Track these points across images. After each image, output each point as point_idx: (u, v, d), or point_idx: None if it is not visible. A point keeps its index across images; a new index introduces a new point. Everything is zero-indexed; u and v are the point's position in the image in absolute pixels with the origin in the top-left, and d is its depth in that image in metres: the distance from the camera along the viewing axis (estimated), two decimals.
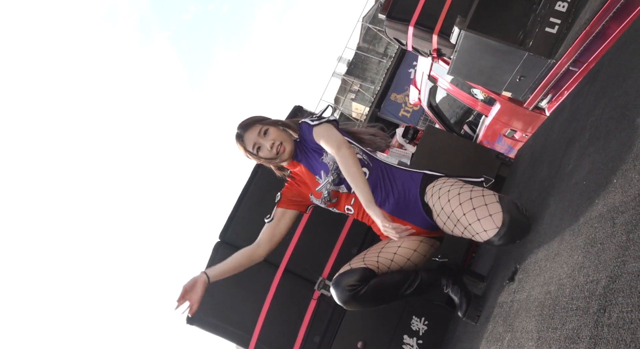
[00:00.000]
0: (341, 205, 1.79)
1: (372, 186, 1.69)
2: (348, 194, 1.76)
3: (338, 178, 1.74)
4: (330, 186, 1.74)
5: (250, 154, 1.79)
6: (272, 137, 1.76)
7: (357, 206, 1.77)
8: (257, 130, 1.76)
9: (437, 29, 3.23)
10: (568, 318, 0.93)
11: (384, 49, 13.15)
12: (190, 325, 2.63)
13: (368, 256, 1.69)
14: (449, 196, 1.57)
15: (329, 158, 1.75)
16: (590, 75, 1.71)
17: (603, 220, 0.98)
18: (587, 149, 1.33)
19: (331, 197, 1.76)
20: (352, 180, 1.63)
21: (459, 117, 4.97)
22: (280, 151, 1.76)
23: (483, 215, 1.46)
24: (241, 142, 1.79)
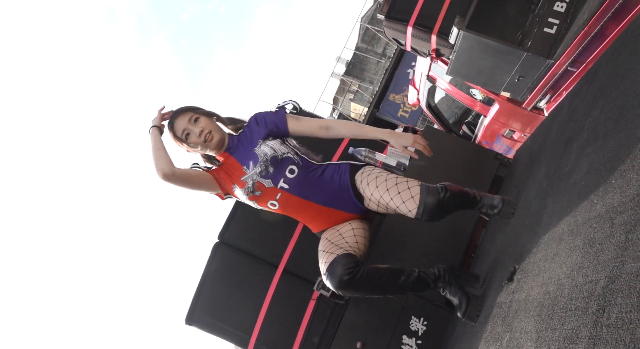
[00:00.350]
0: (265, 199, 1.77)
1: (300, 180, 1.74)
2: (273, 189, 1.74)
3: (266, 171, 1.74)
4: (257, 178, 1.74)
5: (179, 140, 1.80)
6: (202, 124, 1.78)
7: (282, 202, 1.75)
8: (187, 117, 1.79)
9: (436, 29, 3.23)
10: (567, 318, 0.93)
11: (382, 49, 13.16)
12: (189, 326, 2.62)
13: (338, 247, 1.69)
14: (377, 183, 1.73)
15: (261, 150, 1.76)
16: (589, 75, 1.71)
17: (602, 221, 0.98)
18: (585, 149, 1.33)
19: (254, 189, 1.75)
20: (355, 127, 1.82)
21: (457, 117, 4.97)
22: (208, 139, 1.77)
23: (407, 197, 1.68)
24: (171, 128, 1.81)
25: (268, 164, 1.74)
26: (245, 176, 1.76)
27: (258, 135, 1.80)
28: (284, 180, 1.74)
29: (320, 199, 1.75)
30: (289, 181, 1.74)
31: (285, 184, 1.74)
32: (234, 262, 2.63)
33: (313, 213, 1.77)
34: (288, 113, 1.87)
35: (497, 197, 1.84)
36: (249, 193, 1.76)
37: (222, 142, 1.82)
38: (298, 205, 1.76)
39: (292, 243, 2.59)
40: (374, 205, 1.75)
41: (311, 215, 1.78)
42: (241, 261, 2.61)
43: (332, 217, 1.78)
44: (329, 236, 1.76)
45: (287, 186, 1.74)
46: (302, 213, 1.79)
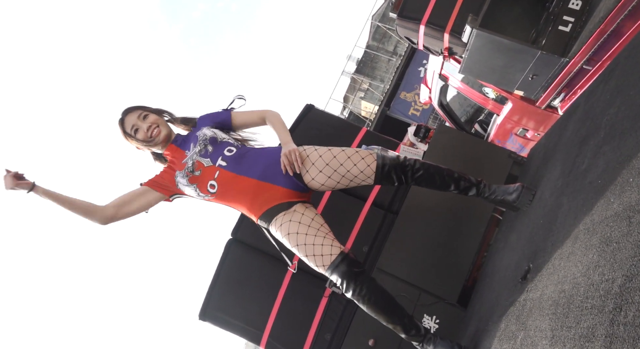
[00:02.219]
0: (204, 180, 1.78)
1: (237, 157, 1.79)
2: (212, 167, 1.78)
3: (205, 149, 1.81)
4: (196, 157, 1.80)
5: (128, 136, 1.86)
6: (150, 120, 1.86)
7: (220, 180, 1.76)
8: (137, 114, 1.87)
9: (449, 27, 3.22)
10: (583, 316, 0.93)
11: (393, 48, 13.11)
12: (202, 321, 2.65)
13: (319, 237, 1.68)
14: (319, 153, 1.77)
15: (202, 132, 1.84)
16: (605, 73, 1.70)
17: (619, 219, 0.98)
18: (602, 148, 1.32)
19: (194, 168, 1.79)
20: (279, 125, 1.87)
21: (469, 115, 4.95)
22: (155, 134, 1.84)
23: (357, 159, 1.74)
24: (121, 125, 1.87)
25: (207, 143, 1.81)
26: (186, 157, 1.82)
27: (203, 125, 1.91)
28: (222, 158, 1.79)
29: (255, 173, 1.76)
30: (227, 158, 1.79)
31: (223, 161, 1.78)
32: (247, 259, 2.65)
33: (250, 191, 1.75)
34: (233, 111, 1.96)
35: (512, 185, 1.87)
36: (189, 174, 1.79)
37: (168, 138, 1.90)
38: (236, 182, 1.76)
39: None
40: (319, 176, 1.75)
41: (249, 194, 1.75)
42: (254, 258, 2.63)
43: (269, 193, 1.75)
44: (290, 228, 1.69)
45: (224, 163, 1.78)
46: (240, 193, 1.76)
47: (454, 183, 1.80)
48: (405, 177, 1.77)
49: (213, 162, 1.79)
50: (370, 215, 2.59)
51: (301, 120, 2.86)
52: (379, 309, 1.65)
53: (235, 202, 1.81)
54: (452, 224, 2.44)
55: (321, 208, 2.60)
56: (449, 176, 1.80)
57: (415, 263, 2.37)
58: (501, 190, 1.85)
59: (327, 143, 1.95)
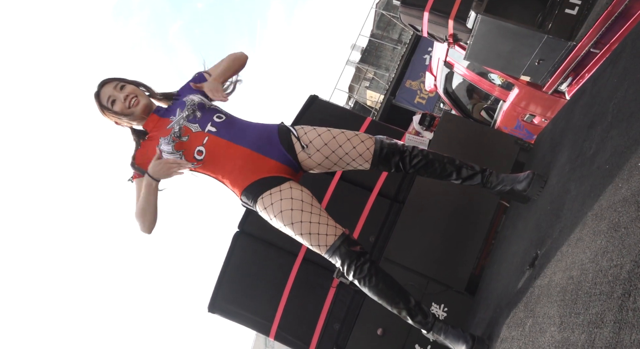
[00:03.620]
0: (192, 145, 1.69)
1: (227, 124, 1.73)
2: (201, 133, 1.69)
3: (193, 115, 1.71)
4: (183, 122, 1.70)
5: (105, 109, 1.74)
6: (128, 91, 1.75)
7: (209, 146, 1.68)
8: (113, 84, 1.75)
9: (453, 13, 3.18)
10: (591, 303, 0.92)
11: (398, 36, 12.99)
12: (211, 313, 2.68)
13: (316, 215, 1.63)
14: (318, 132, 1.74)
15: (189, 97, 1.74)
16: (613, 56, 1.67)
17: (627, 204, 0.97)
18: (609, 132, 1.31)
19: (181, 133, 1.69)
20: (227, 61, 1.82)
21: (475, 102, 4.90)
22: (133, 104, 1.73)
23: (357, 142, 1.72)
24: (97, 98, 1.75)
25: (195, 108, 1.72)
26: (172, 123, 1.71)
27: (187, 93, 1.80)
28: (212, 124, 1.71)
29: (247, 142, 1.70)
30: (217, 124, 1.72)
31: (213, 127, 1.71)
32: (254, 251, 2.66)
33: (240, 159, 1.68)
34: (204, 73, 1.85)
35: (522, 173, 1.81)
36: (176, 139, 1.68)
37: (147, 109, 1.78)
38: (225, 149, 1.68)
39: None
40: (316, 155, 1.71)
41: (238, 163, 1.68)
42: (261, 250, 2.64)
43: (260, 165, 1.68)
44: (282, 206, 1.63)
45: (214, 129, 1.70)
46: (229, 160, 1.68)
47: (455, 171, 1.75)
48: (404, 164, 1.73)
49: (202, 128, 1.70)
50: (376, 205, 2.58)
51: (305, 111, 2.85)
52: (382, 292, 1.62)
53: (221, 172, 1.71)
54: (458, 212, 2.43)
55: (327, 199, 2.59)
56: (450, 163, 1.74)
57: (422, 252, 2.36)
58: (510, 179, 1.78)
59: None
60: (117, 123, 1.81)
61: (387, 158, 1.72)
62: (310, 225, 1.61)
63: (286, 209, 1.62)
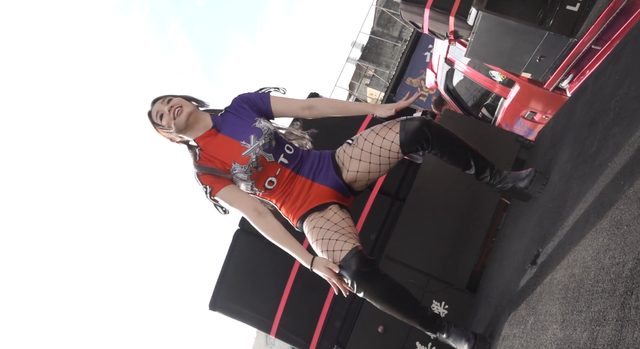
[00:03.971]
0: (265, 176, 1.72)
1: (295, 156, 1.75)
2: (274, 164, 1.71)
3: (269, 145, 1.70)
4: (259, 151, 1.68)
5: (156, 126, 1.74)
6: (173, 102, 1.72)
7: (280, 178, 1.72)
8: (161, 100, 1.75)
9: (454, 10, 3.16)
10: (593, 300, 0.92)
11: (398, 33, 12.95)
12: (213, 311, 2.68)
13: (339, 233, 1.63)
14: (352, 154, 1.75)
15: (262, 124, 1.72)
16: (614, 53, 1.66)
17: (629, 202, 0.96)
18: (611, 130, 1.30)
19: (258, 163, 1.68)
20: (338, 104, 1.87)
21: (476, 100, 4.89)
22: (177, 114, 1.69)
23: (385, 132, 1.72)
24: (149, 116, 1.76)
25: (272, 137, 1.72)
26: (247, 150, 1.69)
27: (250, 112, 1.76)
28: (284, 155, 1.74)
29: (308, 173, 1.75)
30: (288, 156, 1.74)
31: (285, 159, 1.73)
32: (255, 248, 2.66)
33: (299, 188, 1.73)
34: (272, 95, 1.83)
35: (524, 171, 1.81)
36: (253, 169, 1.68)
37: (194, 118, 1.73)
38: (291, 180, 1.73)
39: None
40: (352, 163, 1.73)
41: (297, 190, 1.74)
42: (262, 247, 2.64)
43: (314, 193, 1.73)
44: (317, 223, 1.68)
45: (286, 160, 1.73)
46: (293, 191, 1.73)
47: (472, 158, 1.74)
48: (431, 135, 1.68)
49: (275, 159, 1.72)
50: (377, 203, 2.58)
51: None
52: (393, 307, 1.63)
53: (282, 201, 1.77)
54: (459, 210, 2.43)
55: None
56: (465, 148, 1.75)
57: (423, 250, 2.36)
58: (512, 177, 1.78)
59: (332, 131, 1.94)
60: (171, 140, 1.79)
61: (415, 135, 1.69)
62: (329, 242, 1.62)
63: (317, 227, 1.67)
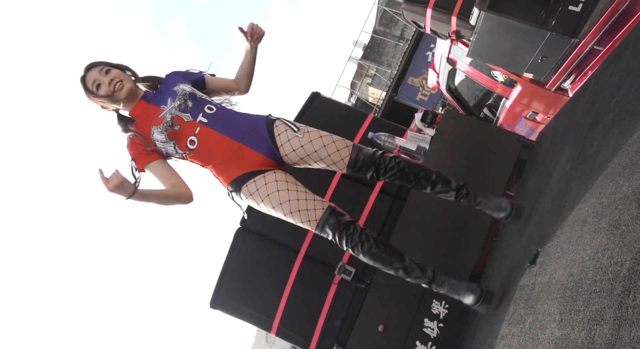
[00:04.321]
0: (184, 135, 1.74)
1: (218, 116, 1.77)
2: (192, 123, 1.74)
3: (184, 104, 1.75)
4: (175, 111, 1.74)
5: (90, 94, 1.76)
6: (113, 74, 1.76)
7: (201, 136, 1.73)
8: (98, 68, 1.77)
9: (456, 10, 3.17)
10: (591, 300, 0.92)
11: (400, 32, 12.94)
12: (213, 309, 2.69)
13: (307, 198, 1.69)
14: (297, 133, 1.76)
15: (180, 87, 1.78)
16: (615, 54, 1.66)
17: (628, 202, 0.97)
18: (611, 130, 1.31)
19: (173, 123, 1.73)
20: (244, 65, 1.89)
21: (478, 99, 4.89)
22: (117, 88, 1.74)
23: (333, 150, 1.75)
24: (83, 82, 1.77)
25: (187, 98, 1.76)
26: (164, 111, 1.74)
27: (177, 80, 1.83)
28: (203, 114, 1.76)
29: (237, 135, 1.76)
30: (208, 115, 1.76)
31: (204, 118, 1.75)
32: (256, 247, 2.67)
33: (229, 151, 1.74)
34: (206, 75, 1.92)
35: (503, 201, 1.80)
36: (168, 128, 1.72)
37: (132, 93, 1.79)
38: (216, 141, 1.74)
39: None
40: (292, 155, 1.76)
41: (227, 153, 1.74)
42: (263, 246, 2.65)
43: (247, 158, 1.75)
44: (268, 188, 1.69)
45: (206, 120, 1.75)
46: (219, 152, 1.74)
47: (430, 186, 1.79)
48: (377, 175, 1.78)
49: (194, 118, 1.75)
50: (378, 202, 2.59)
51: (307, 108, 2.85)
52: (376, 255, 1.66)
53: (210, 162, 1.77)
54: (460, 210, 2.43)
55: (329, 196, 2.60)
56: (426, 178, 1.77)
57: (423, 250, 2.36)
58: (491, 206, 1.80)
59: (333, 131, 1.94)
60: (103, 107, 1.82)
61: (361, 170, 1.77)
62: (298, 202, 1.67)
63: (272, 192, 1.69)
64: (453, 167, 2.42)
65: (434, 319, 2.23)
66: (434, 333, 2.22)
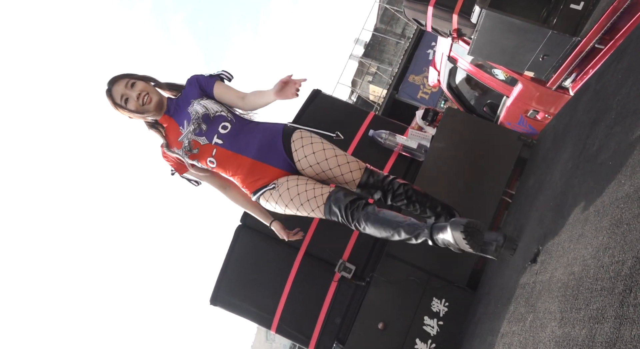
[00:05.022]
0: (203, 157, 1.84)
1: (232, 134, 1.82)
2: (209, 146, 1.82)
3: (199, 128, 1.82)
4: (191, 136, 1.82)
5: (119, 107, 1.82)
6: (139, 88, 1.81)
7: (218, 157, 1.82)
8: (124, 82, 1.82)
9: (458, 8, 3.16)
10: (592, 298, 0.92)
11: (401, 30, 12.91)
12: (213, 306, 2.69)
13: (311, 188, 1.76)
14: (313, 149, 1.82)
15: (193, 108, 1.83)
16: (618, 52, 1.66)
17: (630, 201, 0.97)
18: (613, 129, 1.30)
19: (192, 147, 1.82)
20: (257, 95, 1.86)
21: (479, 98, 4.88)
22: (146, 102, 1.80)
23: (346, 170, 1.83)
24: (109, 96, 1.82)
25: (200, 122, 1.82)
26: (182, 136, 1.83)
27: (192, 95, 1.88)
28: (218, 136, 1.82)
29: (251, 152, 1.82)
30: (222, 136, 1.82)
31: (219, 139, 1.81)
32: (257, 244, 2.67)
33: (246, 169, 1.82)
34: (219, 80, 1.93)
35: (496, 234, 1.66)
36: (188, 152, 1.83)
37: (160, 105, 1.87)
38: (232, 160, 1.82)
39: (314, 226, 2.62)
40: (308, 170, 1.83)
41: (245, 171, 1.83)
42: (263, 243, 2.65)
43: (263, 173, 1.83)
44: (280, 195, 1.79)
45: (220, 141, 1.81)
46: (237, 169, 1.83)
47: (434, 216, 1.87)
48: (385, 200, 1.87)
49: (209, 140, 1.82)
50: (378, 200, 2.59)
51: (308, 106, 2.85)
52: (378, 229, 1.68)
53: (232, 175, 1.87)
54: (461, 208, 2.44)
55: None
56: (432, 208, 1.86)
57: (424, 248, 2.36)
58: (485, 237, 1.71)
59: (334, 129, 1.95)
60: (130, 117, 1.88)
61: (369, 192, 1.87)
62: (305, 193, 1.75)
63: (283, 192, 1.78)
64: (454, 164, 2.42)
65: (434, 317, 2.24)
66: (434, 331, 2.22)
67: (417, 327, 2.24)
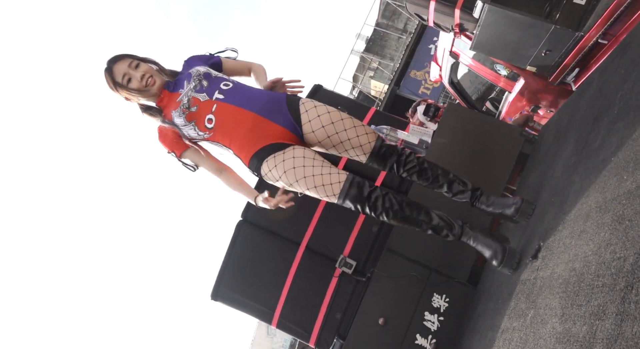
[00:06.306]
0: (202, 115, 1.73)
1: (234, 90, 1.75)
2: (209, 101, 1.72)
3: (199, 85, 1.75)
4: (191, 93, 1.74)
5: (119, 86, 1.75)
6: (144, 69, 1.77)
7: (218, 113, 1.72)
8: (127, 62, 1.76)
9: (460, 3, 3.14)
10: (594, 294, 0.92)
11: (403, 25, 12.86)
12: (214, 301, 2.70)
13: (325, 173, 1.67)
14: (327, 109, 1.76)
15: (195, 69, 1.79)
16: (621, 47, 1.65)
17: (632, 197, 0.96)
18: (615, 124, 1.30)
19: (190, 104, 1.73)
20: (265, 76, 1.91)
21: (481, 93, 4.86)
22: (150, 83, 1.76)
23: (362, 132, 1.75)
24: (109, 73, 1.76)
25: (201, 78, 1.76)
26: (181, 95, 1.75)
27: (195, 66, 1.85)
28: (219, 91, 1.74)
29: (255, 107, 1.72)
30: (224, 91, 1.74)
31: (221, 94, 1.73)
32: (257, 240, 2.67)
33: (248, 124, 1.70)
34: (223, 58, 1.93)
35: (511, 198, 1.75)
36: (185, 110, 1.73)
37: (160, 90, 1.82)
38: (233, 115, 1.71)
39: (314, 221, 2.62)
40: (319, 132, 1.74)
41: (245, 126, 1.70)
42: (264, 239, 2.65)
43: (267, 130, 1.71)
44: (287, 164, 1.66)
45: (222, 96, 1.73)
46: (237, 126, 1.71)
47: (447, 184, 1.77)
48: (398, 166, 1.76)
49: (210, 96, 1.73)
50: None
51: None
52: (403, 220, 1.64)
53: (229, 138, 1.74)
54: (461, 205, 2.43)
55: None
56: (443, 175, 1.76)
57: (425, 243, 2.37)
58: (499, 203, 1.76)
59: None
60: (127, 99, 1.82)
61: (384, 157, 1.76)
62: (321, 177, 1.65)
63: (289, 169, 1.66)
64: (455, 160, 2.42)
65: (434, 313, 2.24)
66: (435, 326, 2.22)
67: (418, 322, 2.24)
